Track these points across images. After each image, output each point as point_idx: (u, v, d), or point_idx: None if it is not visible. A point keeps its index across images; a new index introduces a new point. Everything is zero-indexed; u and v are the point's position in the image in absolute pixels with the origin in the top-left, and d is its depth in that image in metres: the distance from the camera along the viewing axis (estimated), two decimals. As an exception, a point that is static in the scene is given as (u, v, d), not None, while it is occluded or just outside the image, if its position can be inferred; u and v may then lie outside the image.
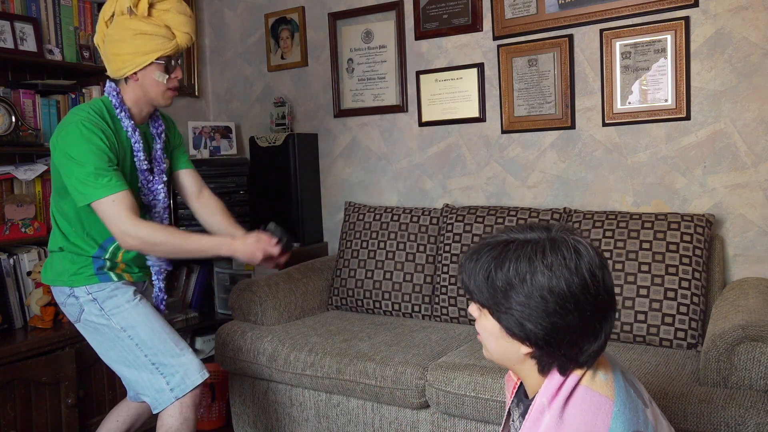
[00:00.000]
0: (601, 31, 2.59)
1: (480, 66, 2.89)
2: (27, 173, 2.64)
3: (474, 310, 1.19)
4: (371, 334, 2.50)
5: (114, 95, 1.90)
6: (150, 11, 1.86)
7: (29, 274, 2.58)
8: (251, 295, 2.66)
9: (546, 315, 1.07)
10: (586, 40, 2.64)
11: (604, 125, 2.63)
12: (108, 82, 1.93)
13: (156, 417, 1.93)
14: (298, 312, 2.79)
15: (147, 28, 1.83)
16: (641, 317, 2.22)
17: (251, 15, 3.56)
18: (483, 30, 2.87)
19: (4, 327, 2.50)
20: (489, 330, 1.15)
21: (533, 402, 1.13)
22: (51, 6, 2.78)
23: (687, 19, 2.44)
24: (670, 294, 2.20)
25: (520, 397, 1.27)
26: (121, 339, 1.87)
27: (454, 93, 2.97)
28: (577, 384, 1.10)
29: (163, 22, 1.86)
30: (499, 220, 2.61)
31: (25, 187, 2.68)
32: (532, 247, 1.09)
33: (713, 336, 1.82)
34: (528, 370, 1.16)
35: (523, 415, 1.21)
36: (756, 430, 1.65)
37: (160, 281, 2.06)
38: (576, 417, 1.06)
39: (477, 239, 2.62)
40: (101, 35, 1.90)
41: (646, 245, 2.28)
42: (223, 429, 2.89)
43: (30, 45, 2.66)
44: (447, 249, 2.67)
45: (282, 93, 3.47)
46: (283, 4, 3.43)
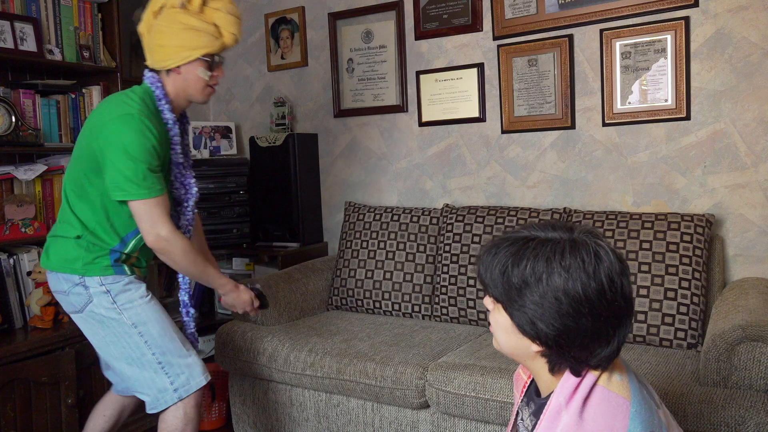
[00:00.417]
0: (601, 31, 2.59)
1: (480, 66, 2.89)
2: (27, 173, 2.64)
3: (488, 302, 1.18)
4: (371, 334, 2.50)
5: (158, 86, 1.89)
6: (202, 8, 1.86)
7: (29, 274, 2.58)
8: (251, 295, 2.66)
9: (559, 316, 1.06)
10: (586, 40, 2.64)
11: (604, 125, 2.63)
12: (148, 72, 1.92)
13: (149, 415, 1.93)
14: (298, 312, 2.79)
15: (197, 23, 1.84)
16: (641, 317, 2.22)
17: (251, 15, 3.56)
18: (483, 30, 2.87)
19: (4, 327, 2.50)
20: (501, 324, 1.15)
21: (549, 401, 1.13)
22: (51, 6, 2.78)
23: (687, 19, 2.44)
24: (670, 294, 2.20)
25: (530, 396, 1.26)
26: (130, 335, 1.85)
27: (454, 93, 2.97)
28: (594, 384, 1.10)
29: (213, 20, 1.87)
30: (499, 220, 2.61)
31: (25, 187, 2.68)
32: (551, 247, 1.08)
33: (713, 336, 1.82)
34: (539, 367, 1.16)
35: (535, 414, 1.21)
36: (756, 430, 1.65)
37: (189, 326, 2.11)
38: (596, 418, 1.06)
39: (477, 239, 2.62)
40: (147, 25, 1.89)
41: (646, 245, 2.28)
42: (223, 429, 2.89)
43: (30, 45, 2.66)
44: (447, 249, 2.67)
45: (282, 93, 3.47)
46: (283, 4, 3.43)
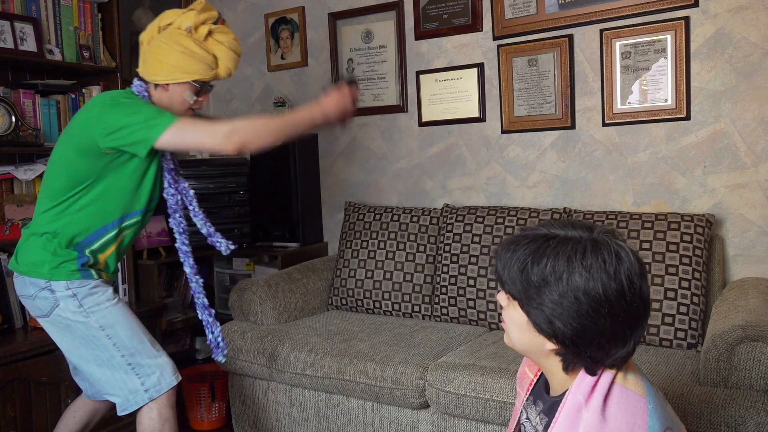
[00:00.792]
0: (601, 31, 2.59)
1: (480, 66, 2.89)
2: (27, 173, 2.64)
3: (503, 298, 1.18)
4: (371, 334, 2.50)
5: (145, 95, 1.92)
6: (206, 37, 1.89)
7: (29, 274, 2.58)
8: (251, 295, 2.66)
9: (578, 316, 1.06)
10: (586, 40, 2.64)
11: (604, 125, 2.63)
12: (137, 80, 1.94)
13: (122, 417, 1.93)
14: (298, 312, 2.79)
15: (197, 50, 1.87)
16: (641, 317, 2.22)
17: (251, 15, 3.56)
18: (483, 30, 2.87)
19: (4, 327, 2.50)
20: (516, 321, 1.15)
21: (564, 399, 1.13)
22: (51, 6, 2.78)
23: (687, 19, 2.44)
24: (670, 294, 2.20)
25: (538, 395, 1.26)
26: (98, 338, 1.85)
27: (454, 93, 2.97)
28: (612, 383, 1.10)
29: (213, 51, 1.90)
30: (499, 220, 2.61)
31: (25, 187, 2.68)
32: (572, 246, 1.08)
33: (713, 336, 1.82)
34: (553, 365, 1.16)
35: (546, 413, 1.20)
36: (756, 430, 1.65)
37: (215, 328, 2.11)
38: (617, 416, 1.06)
39: (477, 239, 2.62)
40: (149, 36, 1.92)
41: (646, 245, 2.28)
42: (223, 429, 2.89)
43: (30, 45, 2.66)
44: (447, 249, 2.67)
45: (282, 93, 3.47)
46: (283, 4, 3.43)
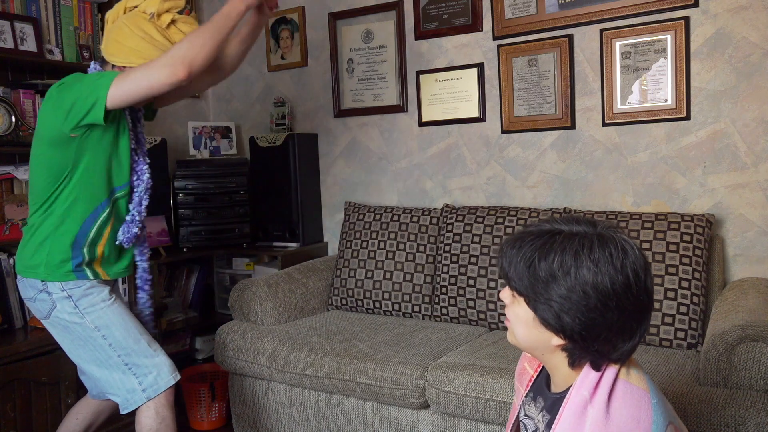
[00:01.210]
0: (601, 31, 2.59)
1: (480, 66, 2.89)
2: (27, 173, 2.63)
3: (506, 296, 1.18)
4: (371, 334, 2.50)
5: None
6: (169, 26, 1.89)
7: (29, 274, 2.58)
8: (251, 295, 2.66)
9: (586, 310, 1.06)
10: (586, 40, 2.64)
11: (604, 125, 2.63)
12: (94, 63, 1.94)
13: (123, 416, 1.94)
14: (298, 312, 2.79)
15: (157, 37, 1.87)
16: (641, 317, 2.22)
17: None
18: (483, 30, 2.87)
19: (4, 327, 2.50)
20: (521, 318, 1.15)
21: (568, 395, 1.13)
22: (51, 6, 2.78)
23: (687, 19, 2.44)
24: (670, 294, 2.20)
25: (539, 391, 1.26)
26: (94, 338, 1.86)
27: (454, 93, 2.97)
28: (616, 378, 1.11)
29: (174, 40, 1.89)
30: (499, 220, 2.61)
31: (25, 187, 2.68)
32: (579, 241, 1.09)
33: (713, 336, 1.82)
34: (558, 361, 1.16)
35: (548, 410, 1.20)
36: (756, 430, 1.65)
37: (145, 290, 2.09)
38: (622, 411, 1.07)
39: (477, 239, 2.62)
40: (114, 15, 1.92)
41: (646, 245, 2.28)
42: (223, 429, 2.89)
43: (30, 45, 2.66)
44: (447, 249, 2.67)
45: (282, 93, 3.47)
46: (283, 4, 3.43)
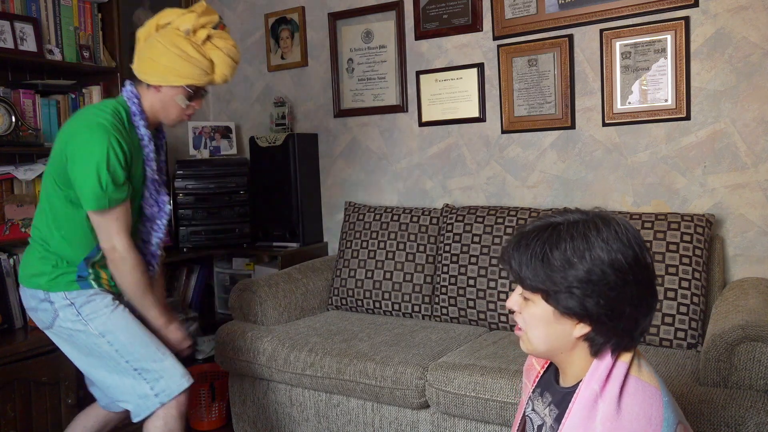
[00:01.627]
0: (601, 31, 2.59)
1: (480, 66, 2.89)
2: (27, 173, 2.64)
3: (516, 302, 1.18)
4: (371, 334, 2.50)
5: (134, 102, 1.87)
6: (205, 41, 1.85)
7: (29, 274, 2.58)
8: (251, 295, 2.66)
9: (608, 289, 1.08)
10: (586, 40, 2.64)
11: (604, 125, 2.63)
12: (129, 85, 1.90)
13: (125, 425, 1.93)
14: (298, 312, 2.79)
15: (193, 54, 1.83)
16: (641, 317, 2.22)
17: (251, 15, 3.56)
18: (483, 30, 2.87)
19: (4, 327, 2.50)
20: (539, 317, 1.15)
21: (578, 390, 1.13)
22: (51, 6, 2.78)
23: (687, 19, 2.44)
24: (670, 294, 2.20)
25: (546, 386, 1.26)
26: (99, 345, 1.83)
27: (454, 93, 2.97)
28: (627, 374, 1.11)
29: (210, 56, 1.86)
30: (499, 220, 2.61)
31: (25, 187, 2.68)
32: (583, 225, 1.12)
33: (713, 336, 1.82)
34: (576, 355, 1.16)
35: (556, 404, 1.21)
36: (756, 430, 1.65)
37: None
38: (634, 407, 1.07)
39: (477, 239, 2.62)
40: (146, 33, 1.87)
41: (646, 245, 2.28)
42: (223, 429, 2.89)
43: (30, 45, 2.66)
44: (447, 249, 2.67)
45: (282, 93, 3.47)
46: (283, 4, 3.43)
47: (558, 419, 1.18)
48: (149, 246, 1.98)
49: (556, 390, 1.22)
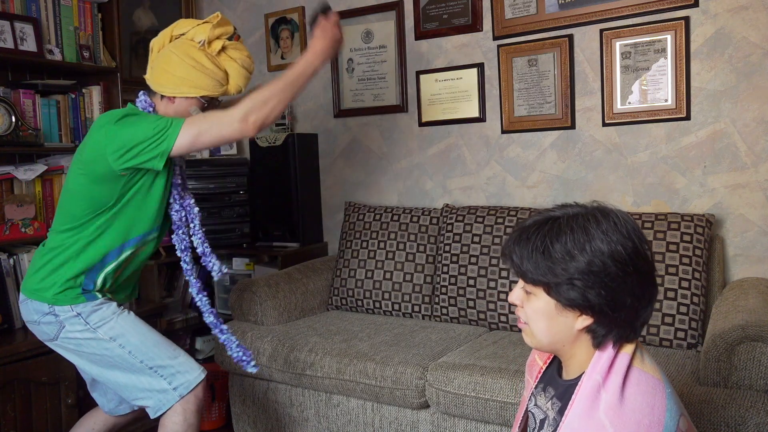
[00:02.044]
0: (601, 31, 2.59)
1: (480, 66, 2.89)
2: (27, 173, 2.64)
3: (518, 296, 1.19)
4: (371, 334, 2.50)
5: (149, 110, 1.87)
6: (219, 53, 1.85)
7: (29, 274, 2.58)
8: (251, 295, 2.66)
9: (609, 280, 1.09)
10: (586, 40, 2.64)
11: (604, 125, 2.63)
12: (143, 95, 1.89)
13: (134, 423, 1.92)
14: (298, 312, 2.79)
15: (208, 65, 1.82)
16: (641, 317, 2.22)
17: (251, 15, 3.56)
18: (483, 30, 2.87)
19: (4, 327, 2.50)
20: (542, 310, 1.16)
21: (580, 381, 1.14)
22: (51, 6, 2.78)
23: (687, 19, 2.44)
24: (670, 294, 2.20)
25: (549, 380, 1.26)
26: (111, 349, 1.82)
27: (454, 93, 2.97)
28: (630, 365, 1.12)
29: (225, 67, 1.86)
30: (499, 220, 2.61)
31: (25, 187, 2.68)
32: (583, 218, 1.13)
33: (713, 336, 1.82)
34: (578, 347, 1.17)
35: (559, 397, 1.21)
36: (756, 430, 1.65)
37: (232, 344, 2.05)
38: (637, 398, 1.08)
39: (477, 239, 2.62)
40: (160, 44, 1.86)
41: (646, 245, 2.28)
42: (223, 429, 2.89)
43: (30, 45, 2.66)
44: (447, 249, 2.67)
45: (282, 93, 3.47)
46: (283, 4, 3.43)
47: (561, 411, 1.18)
48: (185, 253, 1.99)
49: (558, 383, 1.23)
